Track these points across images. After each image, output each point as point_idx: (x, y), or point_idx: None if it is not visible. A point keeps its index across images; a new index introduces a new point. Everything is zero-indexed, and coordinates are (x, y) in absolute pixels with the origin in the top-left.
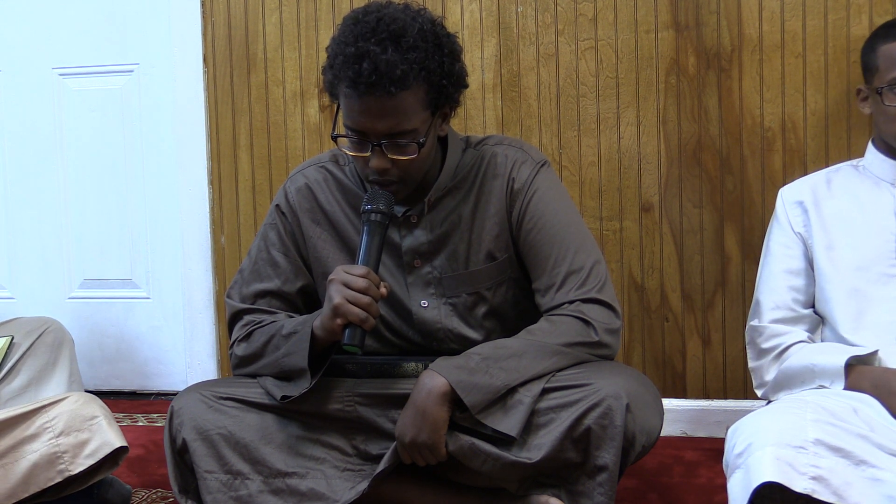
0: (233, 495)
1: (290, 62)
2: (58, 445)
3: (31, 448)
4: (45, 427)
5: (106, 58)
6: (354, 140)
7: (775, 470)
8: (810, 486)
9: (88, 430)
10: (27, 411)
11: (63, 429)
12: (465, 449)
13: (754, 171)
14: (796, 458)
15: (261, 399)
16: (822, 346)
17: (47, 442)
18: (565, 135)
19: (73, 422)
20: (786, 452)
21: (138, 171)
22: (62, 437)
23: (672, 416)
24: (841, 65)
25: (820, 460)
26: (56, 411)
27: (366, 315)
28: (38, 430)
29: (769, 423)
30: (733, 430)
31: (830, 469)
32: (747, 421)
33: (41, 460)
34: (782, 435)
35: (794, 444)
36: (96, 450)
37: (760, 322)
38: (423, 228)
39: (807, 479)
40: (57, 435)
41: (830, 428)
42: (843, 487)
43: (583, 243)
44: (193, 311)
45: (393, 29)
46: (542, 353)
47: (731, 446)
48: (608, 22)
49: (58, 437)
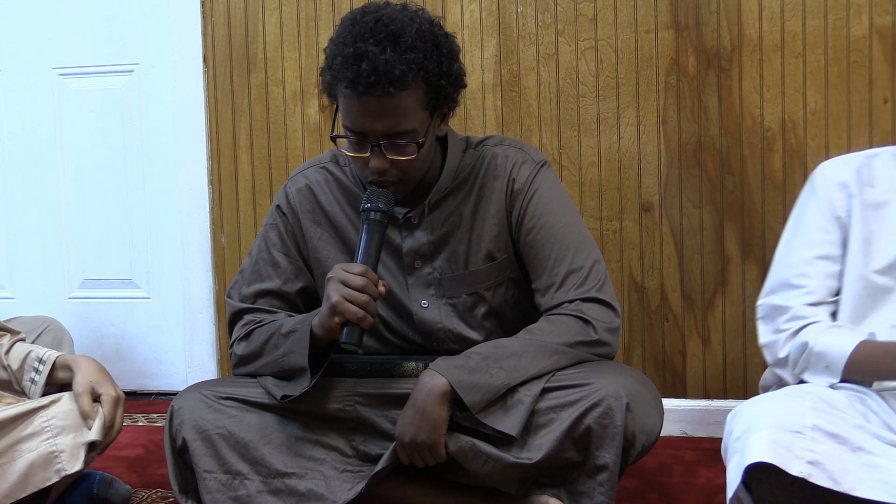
0: (232, 495)
1: (290, 62)
2: (55, 445)
3: (29, 447)
4: (44, 427)
5: (106, 58)
6: (353, 140)
7: (771, 452)
8: (806, 469)
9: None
10: (26, 410)
11: (61, 428)
12: (466, 450)
13: (754, 171)
14: (794, 442)
15: (261, 399)
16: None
17: (45, 441)
18: (565, 135)
19: (71, 421)
20: (783, 436)
21: (138, 171)
22: (61, 436)
23: (672, 416)
24: (841, 65)
25: (817, 445)
26: (54, 410)
27: (364, 313)
28: (37, 429)
29: (768, 409)
30: (732, 415)
31: (827, 454)
32: (746, 406)
33: (38, 459)
34: (780, 419)
35: (792, 428)
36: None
37: (787, 303)
38: (424, 229)
39: (803, 463)
40: (55, 434)
41: (828, 416)
42: (840, 473)
43: (583, 243)
44: (193, 311)
45: (391, 29)
46: (542, 353)
47: (729, 431)
48: (608, 22)
49: (56, 437)
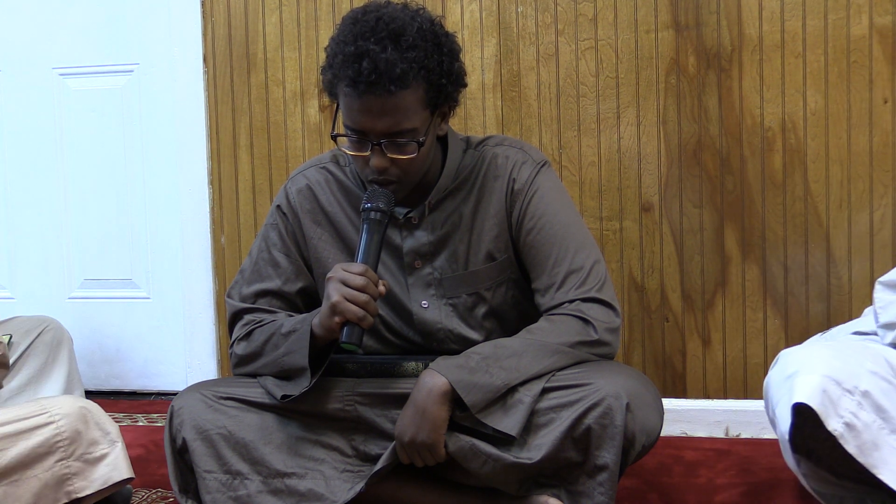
0: (232, 495)
1: (290, 62)
2: (68, 467)
3: (43, 466)
4: (57, 445)
5: (106, 58)
6: (354, 139)
7: (817, 398)
8: (840, 429)
9: (100, 453)
10: (37, 425)
11: (74, 449)
12: (465, 450)
13: (754, 171)
14: (841, 398)
15: (261, 399)
16: None
17: (57, 462)
18: (565, 135)
19: (85, 442)
20: (833, 388)
21: (138, 171)
22: (73, 458)
23: (672, 416)
24: (841, 65)
25: (861, 411)
26: (67, 427)
27: (364, 313)
28: (50, 448)
29: (827, 356)
30: (782, 356)
31: (866, 424)
32: (799, 349)
33: (51, 480)
34: (836, 371)
35: (845, 385)
36: (106, 477)
37: None
38: (425, 230)
39: (840, 423)
40: (69, 456)
41: (884, 384)
42: (869, 446)
43: (583, 243)
44: (193, 311)
45: (392, 28)
46: (542, 353)
47: (778, 370)
48: (608, 22)
49: (69, 459)
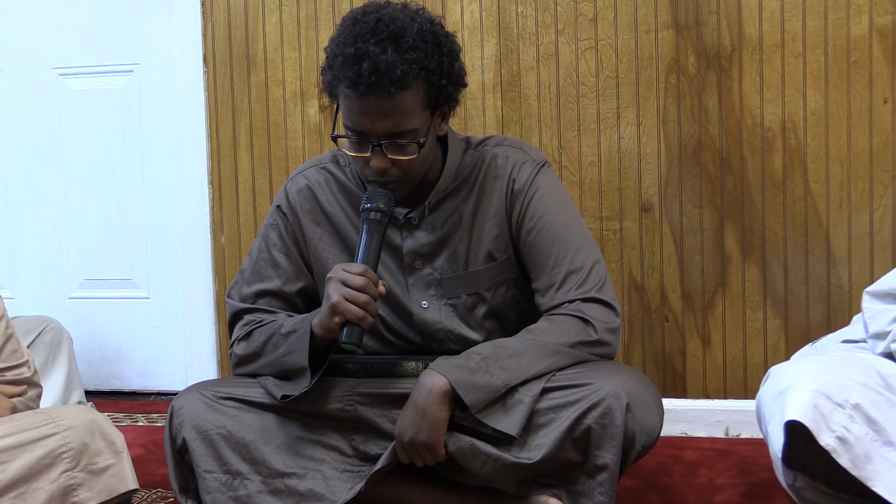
0: (232, 495)
1: (290, 62)
2: (73, 478)
3: (49, 478)
4: (62, 456)
5: (106, 58)
6: (354, 140)
7: (809, 415)
8: (833, 444)
9: (105, 464)
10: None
11: (80, 460)
12: (465, 450)
13: (754, 171)
14: (832, 413)
15: (261, 399)
16: None
17: (63, 473)
18: (565, 135)
19: (90, 453)
20: (824, 403)
21: (138, 171)
22: (78, 469)
23: (672, 416)
24: (841, 65)
25: (852, 424)
26: (73, 438)
27: (364, 313)
28: (55, 458)
29: (816, 371)
30: (772, 373)
31: (858, 437)
32: (789, 365)
33: (57, 492)
34: (826, 386)
35: (835, 399)
36: (111, 488)
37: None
38: (425, 230)
39: (832, 437)
40: (74, 467)
41: (875, 396)
42: (862, 459)
43: (583, 243)
44: (193, 311)
45: (392, 29)
46: (542, 353)
47: (769, 387)
48: (608, 22)
49: (74, 470)
